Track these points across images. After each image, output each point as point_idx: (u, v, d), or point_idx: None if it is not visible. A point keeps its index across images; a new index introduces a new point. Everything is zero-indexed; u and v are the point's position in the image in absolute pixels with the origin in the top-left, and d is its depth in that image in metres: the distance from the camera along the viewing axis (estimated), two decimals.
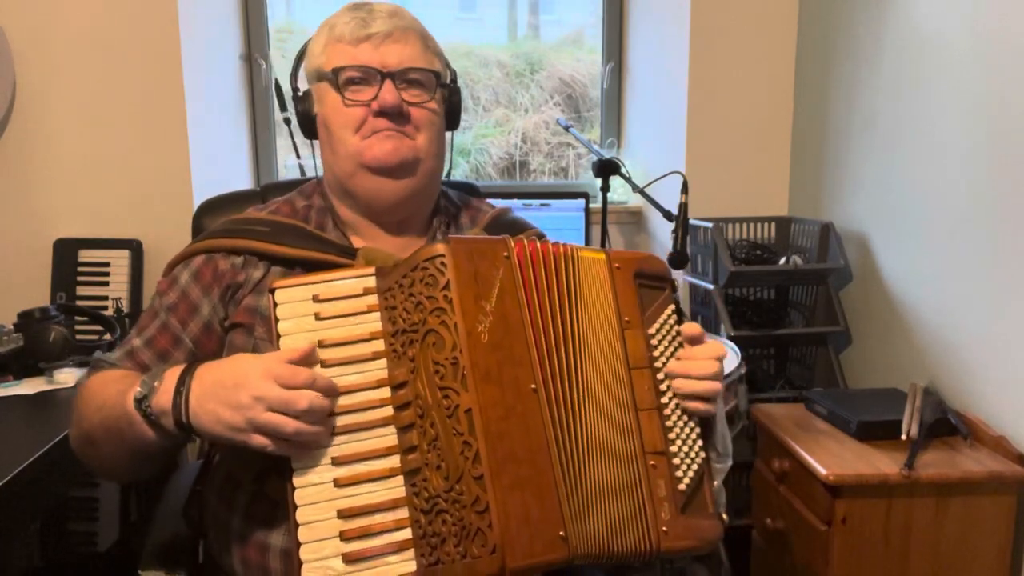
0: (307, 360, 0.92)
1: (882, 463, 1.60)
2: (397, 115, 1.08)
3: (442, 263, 0.93)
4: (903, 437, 1.65)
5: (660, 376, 1.00)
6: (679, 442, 0.99)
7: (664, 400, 1.00)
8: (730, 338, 1.98)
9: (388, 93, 1.07)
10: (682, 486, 0.97)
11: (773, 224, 2.44)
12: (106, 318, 2.11)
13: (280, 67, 2.68)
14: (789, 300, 2.38)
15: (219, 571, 1.11)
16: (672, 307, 1.04)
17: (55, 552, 2.14)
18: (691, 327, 1.03)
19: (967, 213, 1.76)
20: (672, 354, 1.02)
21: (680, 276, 2.47)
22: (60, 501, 2.06)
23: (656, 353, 1.01)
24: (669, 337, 1.03)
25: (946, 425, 1.69)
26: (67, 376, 1.75)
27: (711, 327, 2.25)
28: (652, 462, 0.96)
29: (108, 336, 2.04)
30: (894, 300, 2.04)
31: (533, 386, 0.93)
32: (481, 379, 0.90)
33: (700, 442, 1.01)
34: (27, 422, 1.59)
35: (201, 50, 2.47)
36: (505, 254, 0.97)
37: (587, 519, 0.92)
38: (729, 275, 2.15)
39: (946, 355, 1.84)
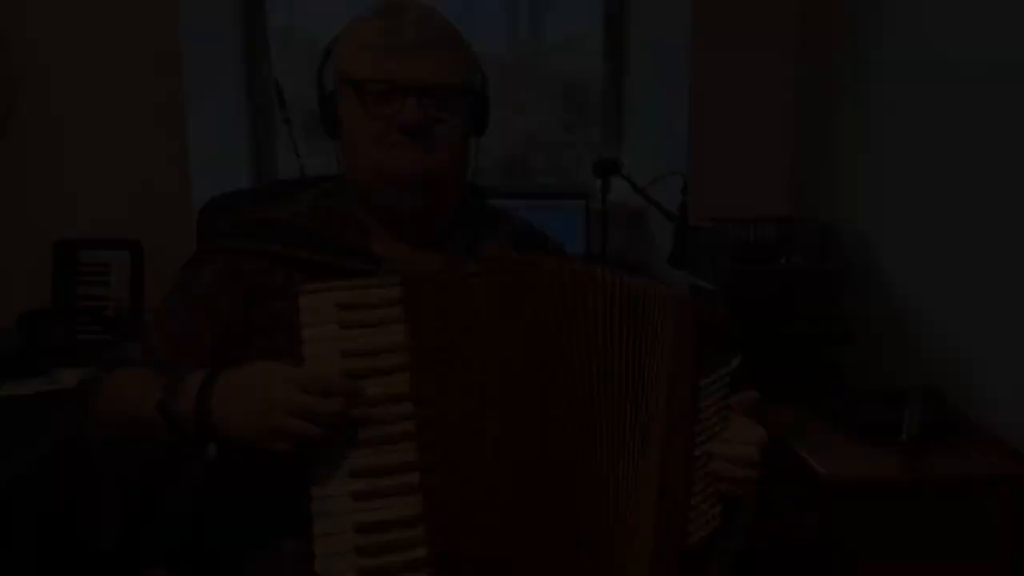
0: (332, 383, 0.90)
1: (882, 463, 1.59)
2: (419, 132, 1.05)
3: (476, 285, 0.91)
4: (903, 437, 1.65)
5: (697, 453, 0.97)
6: (698, 521, 0.98)
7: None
8: None
9: (411, 111, 1.04)
10: None
11: (773, 224, 2.43)
12: (106, 318, 2.11)
13: (280, 67, 2.67)
14: (789, 300, 2.37)
15: (225, 571, 1.10)
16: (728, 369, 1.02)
17: (55, 552, 2.13)
18: (745, 399, 1.03)
19: (968, 213, 1.76)
20: (716, 423, 0.99)
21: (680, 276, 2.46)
22: (60, 501, 2.05)
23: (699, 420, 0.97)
24: (717, 401, 1.00)
25: (946, 425, 1.69)
26: (67, 376, 1.75)
27: None
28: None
29: (108, 336, 2.04)
30: (894, 300, 2.04)
31: (564, 429, 0.92)
32: (511, 415, 0.90)
33: (716, 522, 1.00)
34: (27, 422, 1.59)
35: (201, 50, 2.47)
36: (548, 282, 0.94)
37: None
38: (729, 275, 2.15)
39: (946, 355, 1.83)
